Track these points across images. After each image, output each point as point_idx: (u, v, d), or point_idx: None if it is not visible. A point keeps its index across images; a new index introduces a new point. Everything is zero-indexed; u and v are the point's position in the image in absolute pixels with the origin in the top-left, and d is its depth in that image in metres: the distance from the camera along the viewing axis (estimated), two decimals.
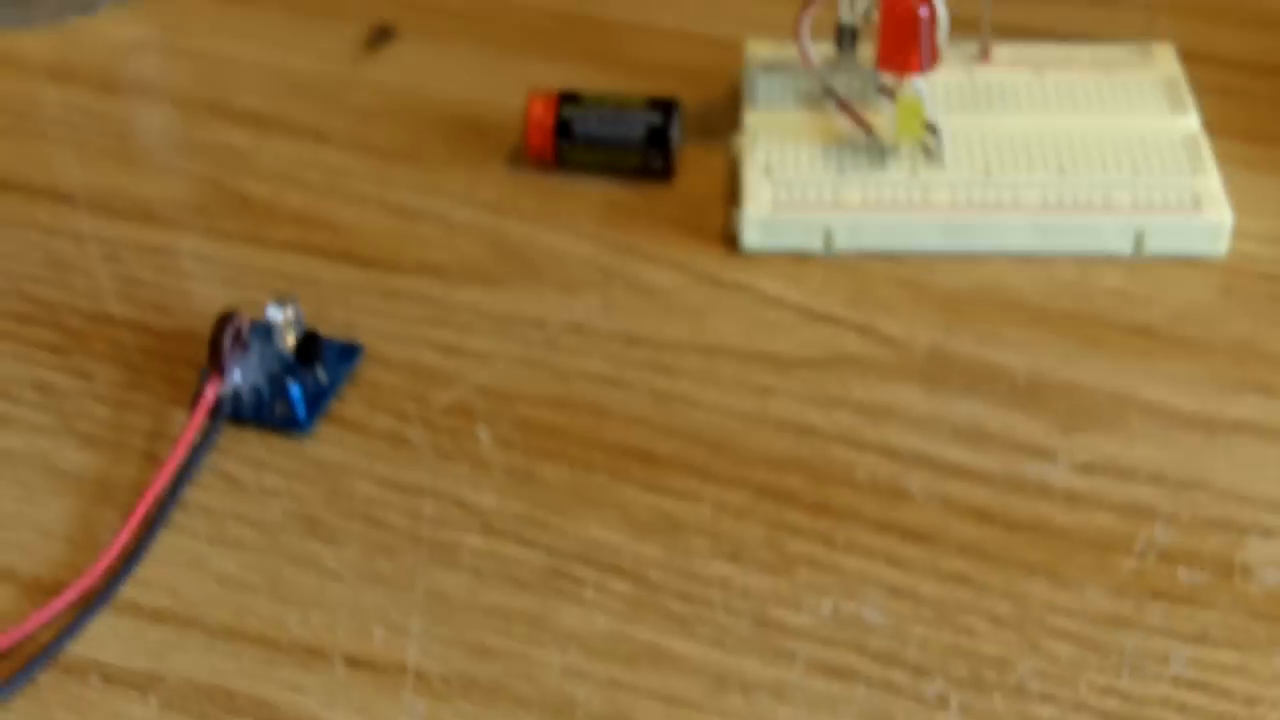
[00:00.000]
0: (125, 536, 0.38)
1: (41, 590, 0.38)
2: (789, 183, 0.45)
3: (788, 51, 0.49)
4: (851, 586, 0.37)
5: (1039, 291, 0.44)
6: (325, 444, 0.41)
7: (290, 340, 0.42)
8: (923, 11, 0.44)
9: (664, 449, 0.40)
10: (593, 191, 0.47)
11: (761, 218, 0.45)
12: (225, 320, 0.41)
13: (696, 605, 0.37)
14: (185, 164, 0.49)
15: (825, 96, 0.47)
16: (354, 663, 0.36)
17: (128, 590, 0.38)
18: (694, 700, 0.35)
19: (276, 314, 0.42)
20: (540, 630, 0.37)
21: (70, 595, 0.37)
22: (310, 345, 0.41)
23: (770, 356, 0.42)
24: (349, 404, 0.42)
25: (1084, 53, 0.49)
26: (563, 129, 0.47)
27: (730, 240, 0.46)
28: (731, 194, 0.47)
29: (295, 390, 0.41)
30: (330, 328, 0.43)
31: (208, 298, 0.45)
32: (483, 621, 0.37)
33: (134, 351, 0.43)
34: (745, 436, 0.40)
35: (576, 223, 0.47)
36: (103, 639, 0.37)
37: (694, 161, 0.48)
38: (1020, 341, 0.43)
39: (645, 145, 0.47)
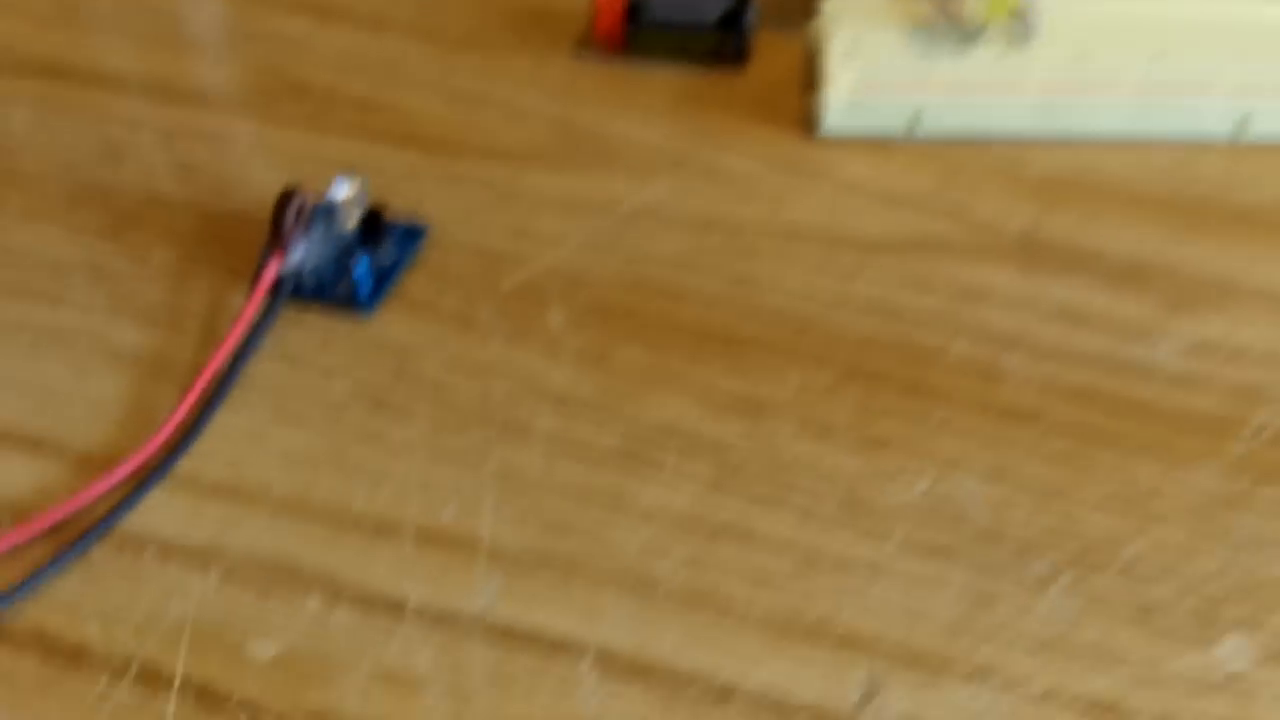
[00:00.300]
0: (183, 412, 0.37)
1: (95, 466, 0.36)
2: (872, 65, 0.43)
3: None
4: (947, 467, 0.35)
5: (1137, 176, 0.42)
6: (390, 324, 0.39)
7: (354, 219, 0.40)
8: None
9: (744, 331, 0.38)
10: (663, 78, 0.46)
11: (843, 100, 0.43)
12: (288, 196, 0.39)
13: (782, 485, 0.35)
14: (242, 52, 0.47)
15: None
16: (425, 537, 0.34)
17: (186, 465, 0.36)
18: (781, 578, 0.33)
19: (341, 190, 0.40)
20: (618, 507, 0.35)
21: (126, 469, 0.35)
22: (374, 223, 0.40)
23: (854, 240, 0.41)
24: (414, 285, 0.40)
25: None
26: (633, 12, 0.45)
27: (808, 126, 0.44)
28: (809, 80, 0.45)
29: (360, 268, 0.39)
30: (395, 211, 0.41)
31: (266, 182, 0.43)
32: (558, 498, 0.35)
33: (190, 234, 0.42)
34: (830, 319, 0.39)
35: (647, 108, 0.45)
36: (160, 513, 0.35)
37: (769, 48, 0.46)
38: (1118, 225, 0.41)
39: (720, 28, 0.45)
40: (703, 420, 0.36)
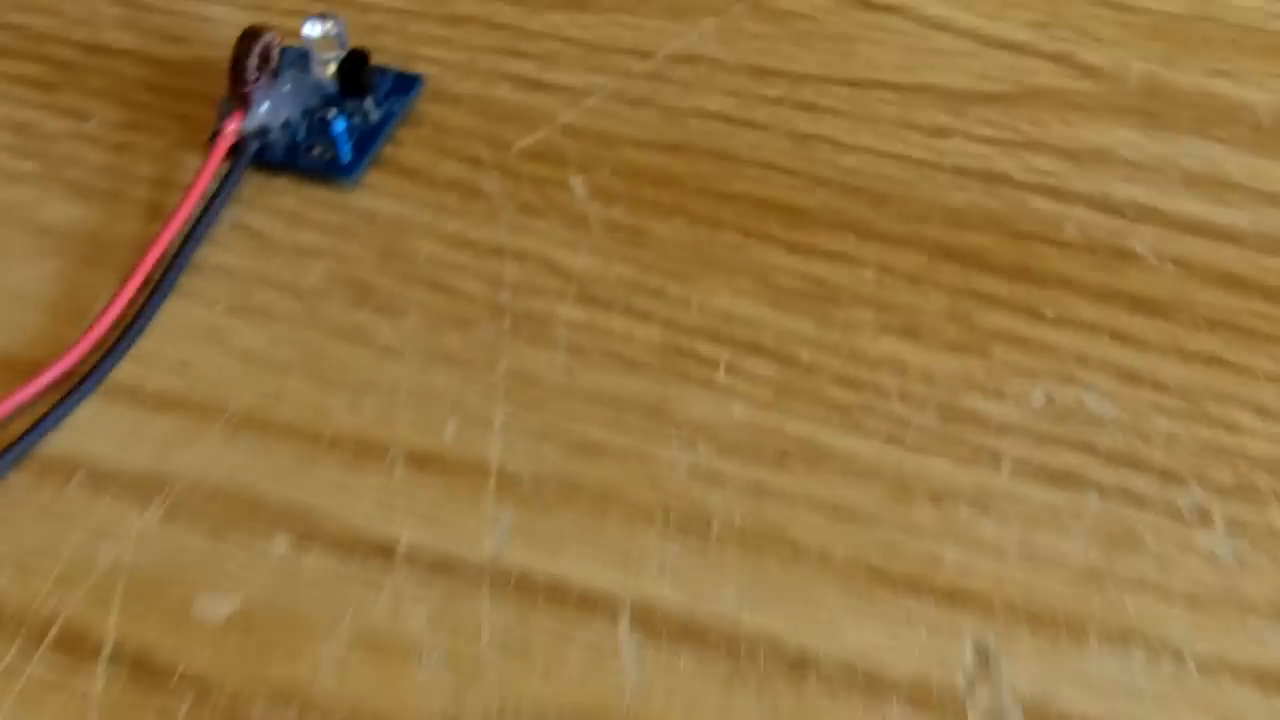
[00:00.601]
0: (122, 303, 0.30)
1: (15, 370, 0.29)
2: None
3: None
4: (1069, 369, 0.28)
5: (1276, 16, 0.35)
6: (378, 194, 0.32)
7: (331, 67, 0.33)
8: None
9: (810, 202, 0.31)
10: None
11: None
12: (250, 38, 0.32)
13: (865, 392, 0.28)
14: None
15: None
16: (419, 460, 0.27)
17: (125, 370, 0.29)
18: (868, 510, 0.27)
19: (314, 30, 0.33)
20: (660, 421, 0.28)
21: (51, 375, 0.29)
22: (356, 70, 0.32)
23: (941, 90, 0.33)
24: (406, 148, 0.33)
25: None
26: None
27: None
28: None
29: (339, 125, 0.32)
30: (382, 58, 0.34)
31: (226, 24, 0.36)
32: (585, 410, 0.28)
33: (137, 86, 0.34)
34: (915, 186, 0.32)
35: None
36: (92, 430, 0.28)
37: None
38: (1258, 75, 0.33)
39: None
40: (763, 312, 0.29)
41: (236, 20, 0.36)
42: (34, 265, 0.31)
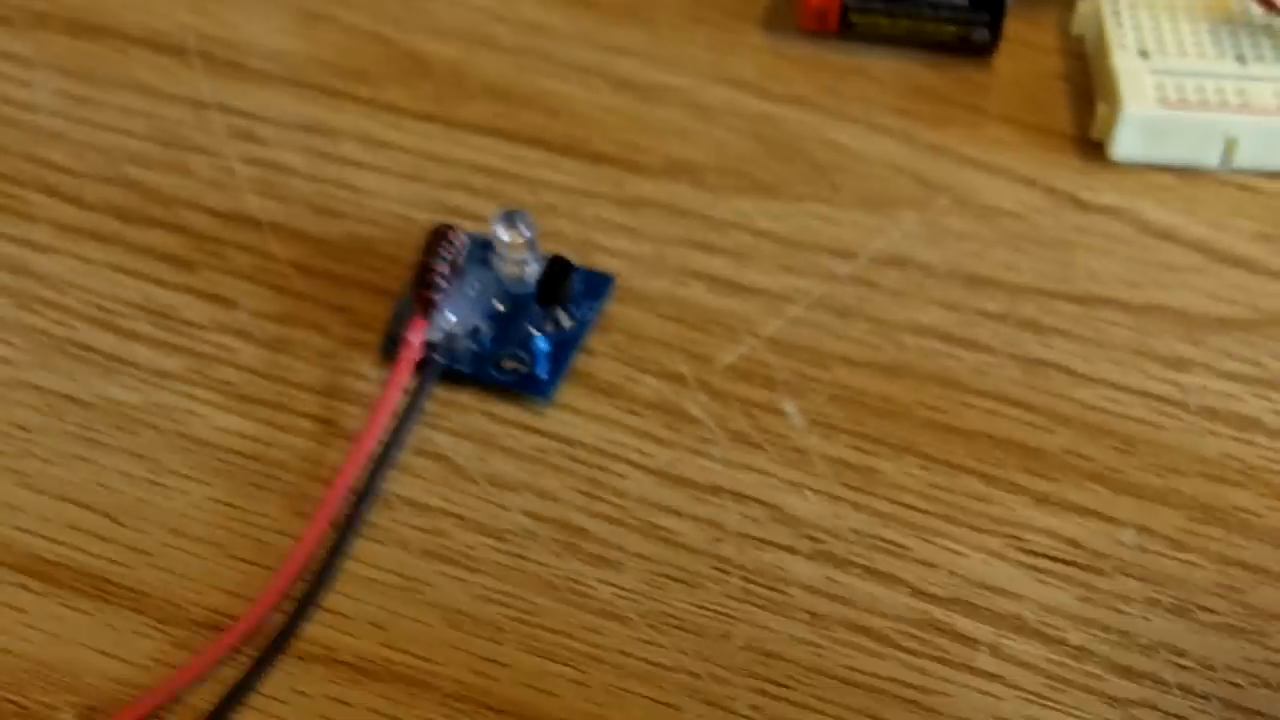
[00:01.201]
0: (309, 546, 0.27)
1: (185, 623, 0.26)
2: (1174, 71, 0.33)
3: None
4: None
5: None
6: (574, 414, 0.29)
7: (517, 269, 0.30)
8: None
9: (1051, 444, 0.29)
10: (885, 71, 0.35)
11: (1145, 117, 0.33)
12: (439, 238, 0.29)
13: (1143, 684, 0.26)
14: (338, 12, 0.37)
15: None
16: None
17: (316, 629, 0.26)
18: None
19: (505, 234, 0.30)
20: (927, 716, 0.25)
21: (232, 638, 0.25)
22: (559, 276, 0.29)
23: (1174, 313, 0.31)
24: (600, 359, 0.30)
25: None
26: None
27: (1088, 146, 0.34)
28: (1078, 81, 0.35)
29: (542, 343, 0.29)
30: (557, 246, 0.31)
31: (379, 195, 0.33)
32: (839, 698, 0.25)
33: (287, 269, 0.31)
34: (1163, 430, 0.29)
35: (872, 112, 0.34)
36: (288, 705, 0.25)
37: (1015, 36, 0.36)
38: None
39: (969, 10, 0.35)
40: (1019, 579, 0.27)
41: (389, 191, 0.33)
42: (193, 491, 0.28)
